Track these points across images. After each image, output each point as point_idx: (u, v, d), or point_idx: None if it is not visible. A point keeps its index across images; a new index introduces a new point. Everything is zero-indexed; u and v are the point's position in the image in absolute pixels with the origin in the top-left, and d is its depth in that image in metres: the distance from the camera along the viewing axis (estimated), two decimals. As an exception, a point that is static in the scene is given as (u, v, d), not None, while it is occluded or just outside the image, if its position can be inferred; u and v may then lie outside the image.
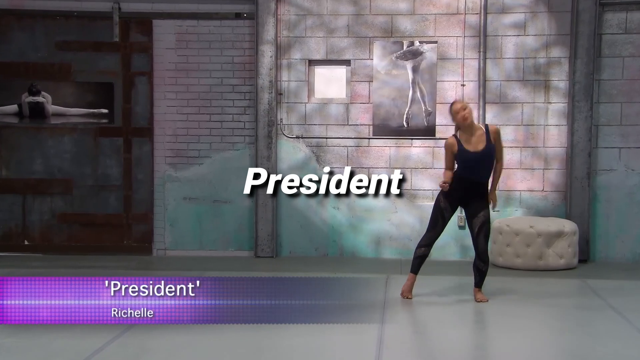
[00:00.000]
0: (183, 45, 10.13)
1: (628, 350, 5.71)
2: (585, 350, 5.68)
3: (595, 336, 6.03)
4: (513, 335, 6.20)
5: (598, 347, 5.73)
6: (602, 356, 5.53)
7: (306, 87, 10.02)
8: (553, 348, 5.79)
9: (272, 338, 6.05)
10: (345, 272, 8.87)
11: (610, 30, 9.65)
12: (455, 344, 5.93)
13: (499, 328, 6.43)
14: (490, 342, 6.03)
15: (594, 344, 5.82)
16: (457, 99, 7.35)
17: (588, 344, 5.84)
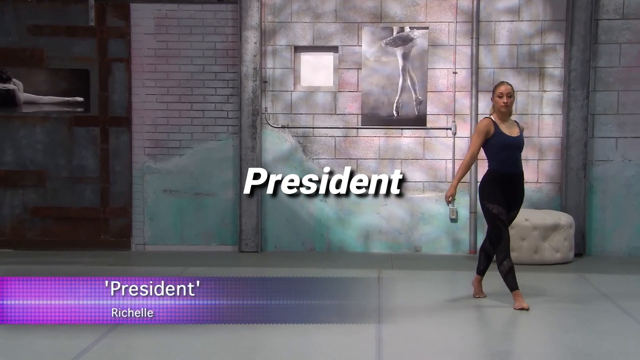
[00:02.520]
0: (162, 31, 10.05)
1: (635, 347, 5.77)
2: (590, 347, 5.72)
3: (600, 333, 6.08)
4: (514, 332, 6.25)
5: (603, 344, 5.78)
6: (608, 353, 5.58)
7: (292, 74, 9.98)
8: (557, 346, 5.83)
9: (265, 337, 6.04)
10: (334, 268, 8.86)
11: (607, 16, 9.71)
12: (456, 342, 5.95)
13: (499, 325, 6.47)
14: (492, 340, 6.06)
15: (599, 340, 5.87)
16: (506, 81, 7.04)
17: (593, 340, 5.89)
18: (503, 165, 6.81)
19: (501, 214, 6.78)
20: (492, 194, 6.79)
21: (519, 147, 6.91)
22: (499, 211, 6.78)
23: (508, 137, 6.82)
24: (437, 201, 9.89)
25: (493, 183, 6.82)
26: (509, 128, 6.87)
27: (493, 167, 6.86)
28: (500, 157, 6.81)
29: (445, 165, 9.87)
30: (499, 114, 6.90)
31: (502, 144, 6.79)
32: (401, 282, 8.21)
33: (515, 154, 6.87)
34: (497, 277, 8.18)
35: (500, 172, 6.81)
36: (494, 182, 6.81)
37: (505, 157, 6.80)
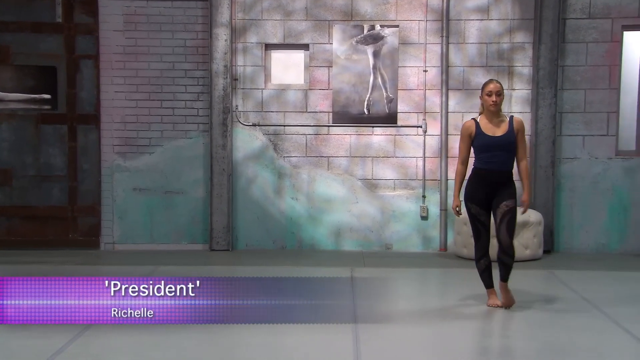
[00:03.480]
0: (131, 27, 9.98)
1: (608, 341, 5.89)
2: (565, 342, 5.83)
3: (573, 328, 6.19)
4: (489, 328, 6.33)
5: (578, 339, 5.89)
6: (583, 348, 5.68)
7: (263, 72, 9.99)
8: (534, 341, 5.92)
9: (243, 336, 6.05)
10: (307, 266, 8.89)
11: (574, 15, 9.86)
12: (433, 340, 6.02)
13: (475, 322, 6.54)
14: (468, 337, 6.13)
15: (574, 335, 5.98)
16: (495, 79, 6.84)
17: (567, 336, 5.99)
18: (484, 164, 6.70)
19: (479, 214, 6.75)
20: (472, 193, 6.75)
21: (503, 146, 6.67)
22: (477, 212, 6.75)
23: (488, 138, 6.66)
24: (408, 199, 9.97)
25: (475, 182, 6.76)
26: (494, 127, 6.69)
27: (475, 165, 6.79)
28: (482, 157, 6.71)
29: (416, 163, 9.95)
30: (487, 113, 6.74)
31: (482, 144, 6.68)
32: (374, 280, 8.25)
33: (498, 154, 6.66)
34: (466, 276, 8.30)
35: (482, 170, 6.71)
36: (476, 182, 6.75)
37: (487, 157, 6.67)
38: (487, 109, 6.71)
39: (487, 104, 6.69)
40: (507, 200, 6.67)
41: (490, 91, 6.66)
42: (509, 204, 6.66)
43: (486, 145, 6.66)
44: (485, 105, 6.71)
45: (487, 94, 6.67)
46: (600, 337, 5.98)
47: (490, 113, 6.71)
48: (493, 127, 6.69)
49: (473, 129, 6.73)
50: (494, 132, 6.68)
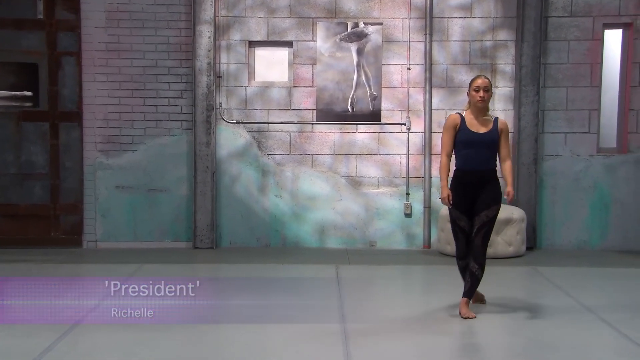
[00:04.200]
0: (114, 24, 9.94)
1: (594, 338, 5.97)
2: (551, 338, 5.89)
3: (558, 324, 6.26)
4: (475, 325, 6.37)
5: (563, 335, 5.96)
6: (569, 343, 5.75)
7: (246, 69, 9.99)
8: (519, 337, 5.98)
9: (230, 334, 6.07)
10: (292, 264, 8.93)
11: (556, 13, 9.95)
12: (422, 336, 6.06)
13: (460, 318, 6.59)
14: (456, 333, 6.17)
15: (559, 331, 6.04)
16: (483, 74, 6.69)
17: (553, 331, 6.05)
18: (465, 162, 6.49)
19: (459, 219, 6.52)
20: (453, 197, 6.48)
21: (486, 143, 6.46)
22: (457, 216, 6.53)
23: (472, 133, 6.46)
24: (392, 196, 10.02)
25: (455, 184, 6.53)
26: (479, 124, 6.50)
27: (456, 165, 6.56)
28: (463, 153, 6.50)
29: (400, 161, 10.00)
30: (474, 109, 6.53)
31: (465, 140, 6.47)
32: (360, 277, 8.31)
33: (481, 152, 6.45)
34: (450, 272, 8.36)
35: (462, 170, 6.50)
36: (456, 183, 6.52)
37: (467, 154, 6.46)
38: (474, 104, 6.51)
39: (474, 100, 6.49)
40: (489, 208, 6.44)
41: (478, 86, 6.47)
42: (489, 213, 6.44)
43: (469, 141, 6.46)
44: (472, 101, 6.51)
45: (475, 90, 6.47)
46: (585, 333, 6.06)
47: (476, 109, 6.52)
48: (478, 124, 6.50)
49: (458, 121, 6.53)
50: (478, 129, 6.48)
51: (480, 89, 6.45)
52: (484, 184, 6.47)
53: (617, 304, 7.04)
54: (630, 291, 7.64)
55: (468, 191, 6.47)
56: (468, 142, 6.46)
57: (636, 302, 7.18)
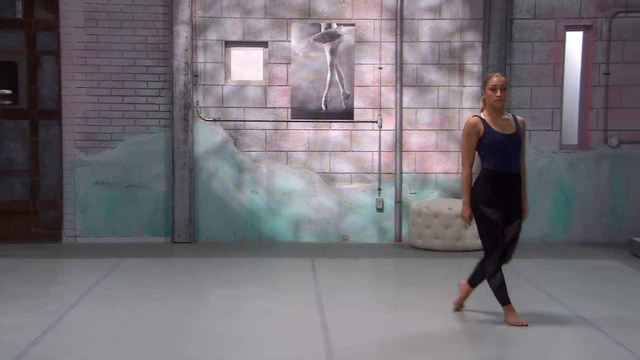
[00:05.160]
0: (92, 24, 9.85)
1: (561, 325, 6.04)
2: (523, 329, 5.95)
3: (526, 315, 6.31)
4: (447, 315, 6.42)
5: (533, 325, 6.02)
6: (536, 332, 5.82)
7: (223, 69, 9.96)
8: (489, 327, 6.04)
9: (214, 327, 6.05)
10: (268, 257, 8.92)
11: (521, 16, 10.04)
12: (397, 326, 6.10)
13: (436, 309, 6.64)
14: (430, 323, 6.22)
15: (530, 322, 6.09)
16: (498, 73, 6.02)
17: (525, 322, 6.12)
18: (498, 165, 5.87)
19: (499, 220, 5.88)
20: (490, 198, 5.87)
21: (516, 145, 5.89)
22: (498, 218, 5.87)
23: (501, 135, 5.84)
24: (364, 192, 10.05)
25: (490, 187, 5.89)
26: (502, 125, 5.90)
27: (488, 168, 5.93)
28: (495, 157, 5.86)
29: (372, 157, 10.04)
30: (490, 110, 5.93)
31: (494, 143, 5.83)
32: (335, 270, 8.34)
33: (513, 153, 5.89)
34: (420, 265, 8.42)
35: (495, 172, 5.88)
36: (492, 186, 5.89)
37: (501, 158, 5.85)
38: (490, 105, 5.91)
39: (491, 100, 5.89)
40: (518, 218, 5.97)
41: (495, 85, 5.87)
42: (519, 224, 5.99)
43: (500, 144, 5.81)
44: (489, 101, 5.91)
45: (491, 89, 5.88)
46: (551, 321, 6.13)
47: (494, 110, 5.91)
48: (503, 125, 5.88)
49: (481, 126, 5.87)
50: (504, 130, 5.87)
51: (497, 88, 5.87)
52: (515, 188, 5.97)
53: (582, 294, 7.15)
54: (593, 281, 7.77)
55: (504, 194, 5.90)
56: (499, 145, 5.84)
57: (600, 291, 7.30)
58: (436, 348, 5.48)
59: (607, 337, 5.74)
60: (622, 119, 10.05)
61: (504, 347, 5.61)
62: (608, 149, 10.07)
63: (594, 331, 5.93)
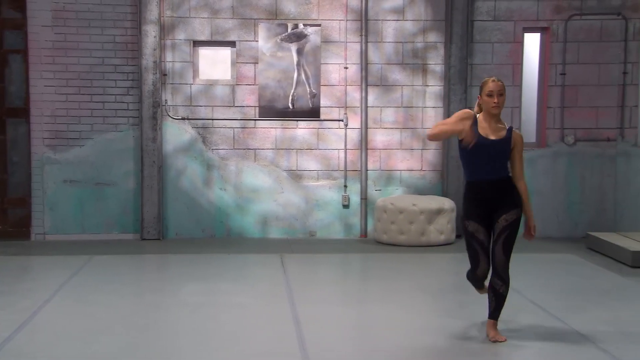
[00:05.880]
0: (60, 23, 9.72)
1: (523, 315, 6.14)
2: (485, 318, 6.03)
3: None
4: (415, 307, 6.49)
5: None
6: (501, 321, 5.91)
7: (191, 68, 9.90)
8: (459, 319, 6.11)
9: (187, 323, 6.03)
10: (237, 253, 8.91)
11: (481, 17, 10.15)
12: (366, 320, 6.15)
13: (401, 302, 6.70)
14: (397, 315, 6.27)
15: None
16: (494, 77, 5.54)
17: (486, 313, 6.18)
18: (479, 174, 5.46)
19: (477, 231, 5.49)
20: (470, 209, 5.53)
21: (496, 152, 5.42)
22: (475, 228, 5.49)
23: (481, 137, 5.40)
24: (331, 188, 10.09)
25: (472, 198, 5.53)
26: (490, 130, 5.45)
27: (469, 179, 5.56)
28: (475, 164, 5.46)
29: (338, 155, 10.08)
30: (486, 115, 5.47)
31: (474, 144, 5.39)
32: (304, 265, 8.36)
33: (495, 160, 5.43)
34: (386, 260, 8.49)
35: (478, 183, 5.48)
36: (473, 197, 5.52)
37: (481, 164, 5.43)
38: (487, 110, 5.46)
39: (488, 106, 5.44)
40: (507, 212, 5.44)
41: (491, 91, 5.42)
42: (509, 217, 5.44)
43: (481, 147, 5.39)
44: (486, 107, 5.46)
45: (488, 94, 5.43)
46: (513, 310, 6.22)
47: (489, 116, 5.46)
48: (489, 129, 5.45)
49: (471, 119, 5.46)
50: (488, 134, 5.44)
51: (493, 94, 5.42)
52: (501, 193, 5.49)
53: (542, 286, 7.27)
54: (552, 274, 7.91)
55: (488, 203, 5.48)
56: (477, 147, 5.40)
57: (558, 284, 7.43)
58: (404, 339, 5.53)
59: (567, 327, 5.85)
60: (577, 117, 10.22)
61: (466, 337, 5.66)
62: (564, 146, 10.24)
63: (555, 320, 6.04)
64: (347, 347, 5.38)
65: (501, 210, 5.46)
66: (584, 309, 6.44)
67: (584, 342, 5.50)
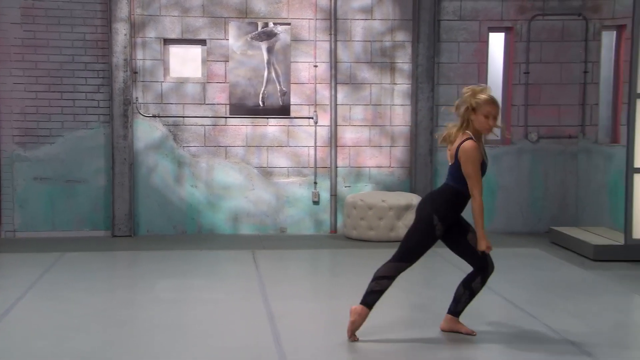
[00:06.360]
0: (29, 21, 9.58)
1: (485, 303, 6.20)
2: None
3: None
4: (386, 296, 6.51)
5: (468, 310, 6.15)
6: (469, 311, 5.96)
7: (162, 66, 9.82)
8: (429, 314, 6.15)
9: (161, 318, 5.99)
10: (208, 249, 8.86)
11: (447, 17, 10.22)
12: (339, 314, 6.15)
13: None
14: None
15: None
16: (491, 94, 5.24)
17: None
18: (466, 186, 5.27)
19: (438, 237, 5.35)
20: (448, 215, 5.28)
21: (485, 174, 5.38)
22: (440, 235, 5.33)
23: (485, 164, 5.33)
24: (301, 185, 10.08)
25: (455, 205, 5.31)
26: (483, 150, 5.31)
27: (460, 190, 5.28)
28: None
29: (308, 152, 10.07)
30: (475, 133, 5.22)
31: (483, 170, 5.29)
32: (275, 260, 8.35)
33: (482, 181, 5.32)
34: (356, 256, 8.49)
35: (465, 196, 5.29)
36: (457, 205, 5.32)
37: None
38: (479, 130, 5.21)
39: (481, 127, 5.19)
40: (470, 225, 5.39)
41: (489, 113, 5.16)
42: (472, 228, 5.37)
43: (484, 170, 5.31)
44: (480, 127, 5.19)
45: (485, 116, 5.16)
46: (483, 304, 6.27)
47: (479, 136, 5.25)
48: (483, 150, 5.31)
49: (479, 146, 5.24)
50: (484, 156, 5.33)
51: (490, 117, 5.18)
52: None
53: (508, 280, 7.34)
54: (518, 268, 7.99)
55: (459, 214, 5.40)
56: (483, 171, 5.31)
57: (524, 278, 7.52)
58: (377, 333, 5.55)
59: (537, 320, 5.92)
60: (540, 115, 10.34)
61: (435, 327, 5.68)
62: (528, 143, 10.35)
63: (524, 314, 6.10)
64: (321, 341, 5.38)
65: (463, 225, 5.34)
66: (552, 302, 6.52)
67: (554, 335, 5.56)
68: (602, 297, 6.78)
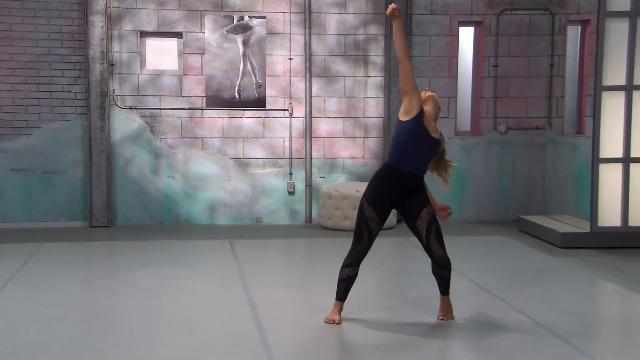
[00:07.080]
0: (5, 13, 9.45)
1: (457, 289, 6.27)
2: (424, 297, 6.13)
3: (431, 283, 6.50)
4: (369, 282, 6.55)
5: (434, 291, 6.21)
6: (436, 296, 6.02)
7: (138, 58, 9.73)
8: (403, 300, 6.20)
9: (142, 308, 5.95)
10: (187, 239, 8.82)
11: (419, 11, 10.25)
12: (319, 302, 6.17)
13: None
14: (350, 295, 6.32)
15: (430, 290, 6.27)
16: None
17: (426, 291, 6.23)
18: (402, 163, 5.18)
19: (372, 220, 5.21)
20: (374, 194, 5.21)
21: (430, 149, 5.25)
22: (371, 216, 5.20)
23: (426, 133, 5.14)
24: (276, 176, 10.07)
25: (381, 182, 5.23)
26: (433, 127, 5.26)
27: (389, 163, 5.25)
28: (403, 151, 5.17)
29: (283, 143, 10.06)
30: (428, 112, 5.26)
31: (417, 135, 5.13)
32: (253, 250, 8.33)
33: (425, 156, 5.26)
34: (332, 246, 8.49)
35: (395, 170, 5.19)
36: (383, 182, 5.22)
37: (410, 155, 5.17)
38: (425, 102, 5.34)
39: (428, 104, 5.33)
40: (425, 207, 5.25)
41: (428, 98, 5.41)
42: (429, 211, 5.25)
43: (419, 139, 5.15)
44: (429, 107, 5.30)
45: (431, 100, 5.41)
46: (456, 291, 6.29)
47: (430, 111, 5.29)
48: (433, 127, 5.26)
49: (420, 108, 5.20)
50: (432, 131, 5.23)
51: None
52: (413, 189, 5.29)
53: (480, 267, 7.42)
54: (488, 255, 8.07)
55: (394, 194, 5.24)
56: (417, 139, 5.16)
57: (494, 265, 7.59)
58: (354, 320, 5.57)
59: (508, 305, 5.99)
60: (509, 107, 10.43)
61: (411, 317, 5.73)
62: (497, 135, 10.45)
63: (496, 300, 6.17)
64: (302, 328, 5.39)
65: (417, 205, 5.25)
66: (522, 287, 6.61)
67: (526, 320, 5.63)
68: (570, 282, 6.88)
